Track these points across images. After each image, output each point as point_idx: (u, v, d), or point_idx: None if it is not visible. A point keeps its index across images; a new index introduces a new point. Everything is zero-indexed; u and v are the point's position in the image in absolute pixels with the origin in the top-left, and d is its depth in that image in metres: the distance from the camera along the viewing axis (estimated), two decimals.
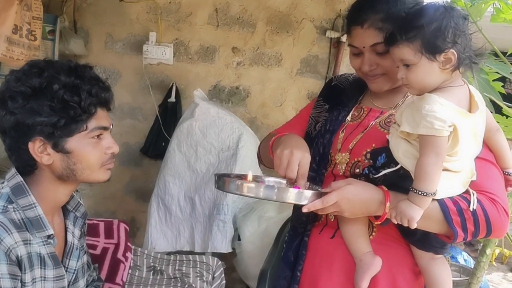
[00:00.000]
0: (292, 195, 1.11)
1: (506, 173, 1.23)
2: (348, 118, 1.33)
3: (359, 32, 1.22)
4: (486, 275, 2.75)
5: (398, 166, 1.13)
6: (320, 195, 1.12)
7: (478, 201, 1.11)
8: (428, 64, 1.08)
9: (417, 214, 1.07)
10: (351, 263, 1.23)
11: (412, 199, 1.07)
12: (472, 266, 2.66)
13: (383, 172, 1.15)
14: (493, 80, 1.84)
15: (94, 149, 1.20)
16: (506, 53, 1.92)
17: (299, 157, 1.16)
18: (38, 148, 1.15)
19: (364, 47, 1.23)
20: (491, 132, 1.19)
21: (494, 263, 4.11)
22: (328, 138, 1.31)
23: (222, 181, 1.17)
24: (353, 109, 1.35)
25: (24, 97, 1.12)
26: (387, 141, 1.18)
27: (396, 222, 1.10)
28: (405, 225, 1.08)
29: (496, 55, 1.83)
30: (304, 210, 1.11)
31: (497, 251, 3.99)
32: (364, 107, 1.34)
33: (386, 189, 1.13)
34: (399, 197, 1.11)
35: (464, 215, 1.10)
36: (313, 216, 1.31)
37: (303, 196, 1.11)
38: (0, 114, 1.15)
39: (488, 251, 2.07)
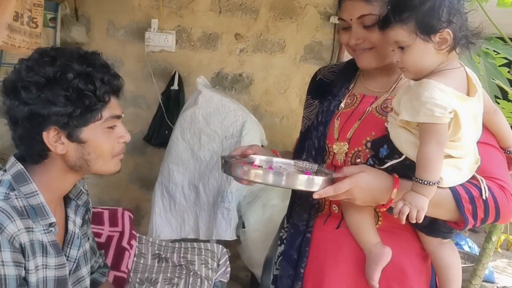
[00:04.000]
0: (302, 182, 1.08)
1: (508, 152, 1.22)
2: (342, 105, 1.29)
3: (347, 4, 1.21)
4: (490, 261, 2.75)
5: (403, 157, 1.10)
6: (331, 181, 1.10)
7: (488, 188, 1.10)
8: (423, 45, 1.05)
9: (425, 204, 1.04)
10: (359, 253, 1.22)
11: (417, 189, 1.04)
12: (477, 253, 2.66)
13: (388, 163, 1.12)
14: (499, 66, 1.82)
15: (108, 138, 1.19)
16: None
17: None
18: (52, 138, 1.14)
19: (351, 20, 1.20)
20: (489, 114, 1.17)
21: (499, 249, 4.11)
22: (322, 130, 1.27)
23: (229, 165, 1.15)
24: (345, 97, 1.31)
25: (38, 87, 1.10)
26: (386, 130, 1.15)
27: (396, 216, 1.06)
28: (413, 220, 1.04)
29: (503, 40, 1.80)
30: (315, 196, 1.08)
31: (503, 237, 3.98)
32: (357, 94, 1.30)
33: (397, 176, 1.11)
34: (409, 184, 1.08)
35: (476, 202, 1.09)
36: (315, 212, 1.29)
37: (314, 183, 1.08)
38: (12, 104, 1.12)
39: (494, 237, 2.07)
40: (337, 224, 1.26)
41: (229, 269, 2.23)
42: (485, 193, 1.09)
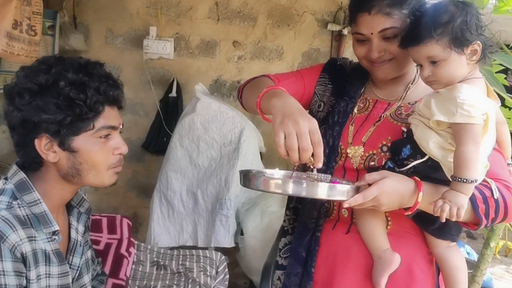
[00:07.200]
0: (337, 191, 1.08)
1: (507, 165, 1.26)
2: (355, 110, 1.32)
3: (366, 18, 1.22)
4: (489, 268, 2.75)
5: (426, 157, 1.13)
6: (356, 189, 1.10)
7: (497, 188, 1.14)
8: (458, 58, 1.10)
9: (465, 202, 1.07)
10: (368, 258, 1.23)
11: (456, 187, 1.07)
12: (475, 259, 2.65)
13: (413, 163, 1.14)
14: (496, 72, 1.83)
15: (102, 149, 1.17)
16: (509, 45, 1.90)
17: (306, 125, 1.00)
18: (44, 146, 1.13)
19: (372, 34, 1.22)
20: (499, 124, 1.21)
21: (498, 255, 4.11)
22: (337, 131, 1.29)
23: (258, 178, 1.12)
24: (358, 100, 1.34)
25: (30, 93, 1.11)
26: (404, 132, 1.19)
27: (436, 214, 1.07)
28: (453, 217, 1.06)
29: (500, 47, 1.81)
30: (345, 205, 1.09)
31: (501, 243, 3.98)
32: (369, 98, 1.34)
33: (419, 179, 1.13)
34: (431, 187, 1.12)
35: (488, 202, 1.13)
36: (325, 211, 1.30)
37: (344, 192, 1.08)
38: (8, 110, 1.14)
39: (492, 244, 2.07)
40: (347, 229, 1.28)
41: (227, 276, 2.22)
42: (496, 193, 1.13)
